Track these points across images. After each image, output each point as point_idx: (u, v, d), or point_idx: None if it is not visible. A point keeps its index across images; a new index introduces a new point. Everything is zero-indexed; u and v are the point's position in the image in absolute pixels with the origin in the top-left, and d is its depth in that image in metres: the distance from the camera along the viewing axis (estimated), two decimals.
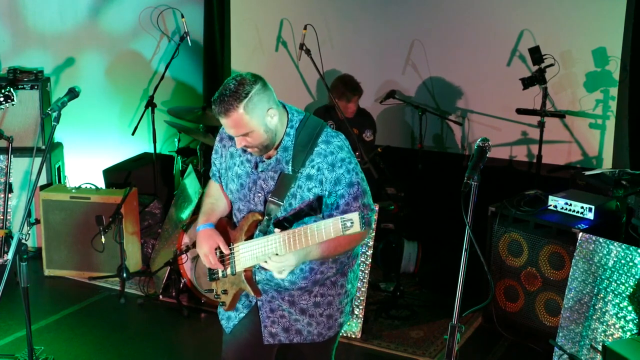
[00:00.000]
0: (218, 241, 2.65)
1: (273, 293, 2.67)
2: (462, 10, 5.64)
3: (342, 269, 2.69)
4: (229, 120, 2.42)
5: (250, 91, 2.40)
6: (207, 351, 4.28)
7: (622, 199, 4.28)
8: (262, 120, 2.44)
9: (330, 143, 2.53)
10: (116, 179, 5.78)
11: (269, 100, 2.46)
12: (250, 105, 2.40)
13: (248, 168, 2.61)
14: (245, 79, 2.42)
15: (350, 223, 2.24)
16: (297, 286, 2.63)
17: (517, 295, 4.24)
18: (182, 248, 4.65)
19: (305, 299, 2.67)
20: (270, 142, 2.50)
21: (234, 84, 2.42)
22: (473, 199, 2.42)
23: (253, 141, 2.47)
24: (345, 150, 2.56)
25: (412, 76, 5.86)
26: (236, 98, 2.38)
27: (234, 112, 2.39)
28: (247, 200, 2.63)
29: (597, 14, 5.19)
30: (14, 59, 5.77)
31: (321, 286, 2.66)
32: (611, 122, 5.22)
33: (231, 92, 2.39)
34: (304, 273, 2.61)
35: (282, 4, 6.31)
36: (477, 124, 5.70)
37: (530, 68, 5.16)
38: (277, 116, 2.49)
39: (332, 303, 2.69)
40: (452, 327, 2.42)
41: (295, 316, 2.68)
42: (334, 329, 2.73)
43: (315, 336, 2.70)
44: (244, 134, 2.45)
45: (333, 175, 2.49)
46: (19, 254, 2.93)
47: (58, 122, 3.15)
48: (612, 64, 5.15)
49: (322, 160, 2.49)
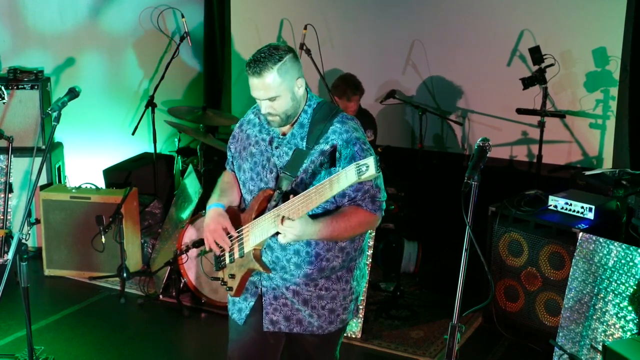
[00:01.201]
0: (225, 223, 2.65)
1: (278, 281, 2.67)
2: (462, 10, 5.64)
3: (348, 262, 2.70)
4: (262, 81, 2.48)
5: (284, 56, 2.50)
6: (207, 351, 4.29)
7: (622, 199, 4.28)
8: (291, 87, 2.52)
9: (345, 123, 2.58)
10: (116, 179, 5.78)
11: (299, 71, 2.55)
12: (284, 69, 2.49)
13: (263, 146, 2.66)
14: (280, 46, 2.54)
15: (366, 167, 2.19)
16: (302, 272, 2.63)
17: (517, 295, 4.24)
18: (182, 248, 4.66)
19: (309, 291, 2.67)
20: (293, 112, 2.56)
21: (268, 48, 2.53)
22: (473, 199, 2.42)
23: (278, 107, 2.52)
24: (360, 132, 2.61)
25: (412, 76, 5.86)
26: (271, 60, 2.48)
27: (267, 73, 2.47)
28: (259, 178, 2.66)
29: (597, 14, 5.20)
30: (14, 59, 5.77)
31: (326, 279, 2.67)
32: (611, 122, 5.22)
33: (266, 55, 2.50)
34: (310, 257, 2.62)
35: (282, 4, 6.31)
36: (477, 124, 5.70)
37: (530, 68, 5.16)
38: (303, 88, 2.57)
39: (335, 298, 2.70)
40: (452, 327, 2.42)
41: (298, 306, 2.68)
42: (335, 325, 2.73)
43: (316, 328, 2.71)
44: (271, 97, 2.50)
45: (348, 152, 2.52)
46: (19, 254, 2.93)
47: (58, 122, 3.15)
48: (612, 64, 5.15)
49: (337, 137, 2.54)
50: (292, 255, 2.62)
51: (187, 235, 4.71)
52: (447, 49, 5.73)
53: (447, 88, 5.78)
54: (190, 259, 4.72)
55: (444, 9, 5.71)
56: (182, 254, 4.64)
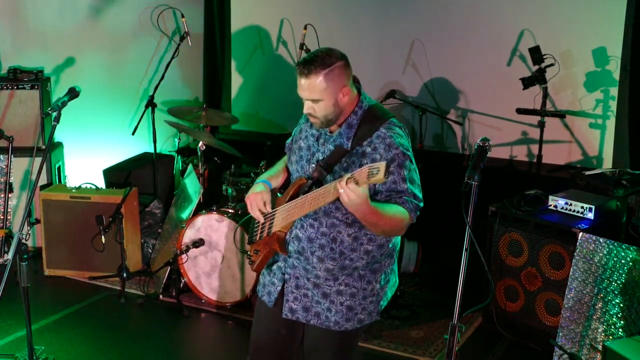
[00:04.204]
0: (265, 198, 2.78)
1: (301, 271, 2.76)
2: (462, 10, 5.64)
3: (372, 263, 2.74)
4: (307, 82, 2.57)
5: (335, 63, 2.57)
6: (207, 351, 4.29)
7: (622, 199, 4.28)
8: (335, 94, 2.59)
9: (392, 129, 2.65)
10: (116, 179, 5.78)
11: (347, 80, 2.62)
12: (331, 76, 2.56)
13: (311, 141, 2.77)
14: (335, 52, 2.61)
15: (377, 170, 2.28)
16: (324, 265, 2.70)
17: (517, 295, 4.24)
18: (182, 248, 4.66)
19: (329, 285, 2.73)
20: (333, 117, 2.64)
21: (323, 52, 2.60)
22: (473, 198, 2.42)
23: (319, 110, 2.61)
24: (405, 139, 2.67)
25: (412, 76, 5.86)
26: (321, 64, 2.56)
27: (314, 76, 2.56)
28: (303, 172, 2.77)
29: (597, 14, 5.19)
30: (14, 59, 5.77)
31: (348, 276, 2.72)
32: (611, 122, 5.22)
33: (319, 58, 2.57)
34: (334, 254, 2.69)
35: (282, 4, 6.31)
36: (477, 124, 5.70)
37: (530, 68, 5.16)
38: (349, 96, 2.63)
39: (355, 295, 2.75)
40: (452, 327, 2.42)
41: (317, 298, 2.75)
42: (352, 323, 2.77)
43: (332, 323, 2.75)
44: (314, 99, 2.59)
45: (388, 155, 2.58)
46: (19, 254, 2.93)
47: (58, 122, 3.16)
48: (612, 64, 5.15)
49: (381, 142, 2.60)
50: (317, 248, 2.70)
51: (187, 235, 4.71)
52: (447, 49, 5.73)
53: (447, 88, 5.78)
54: (190, 258, 4.73)
55: (444, 9, 5.71)
56: (182, 254, 4.64)
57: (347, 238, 2.68)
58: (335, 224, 2.67)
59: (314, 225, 2.70)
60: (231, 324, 4.58)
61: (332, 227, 2.68)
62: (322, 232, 2.69)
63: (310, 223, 2.70)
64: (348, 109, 2.66)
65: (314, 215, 2.69)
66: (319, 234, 2.69)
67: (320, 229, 2.69)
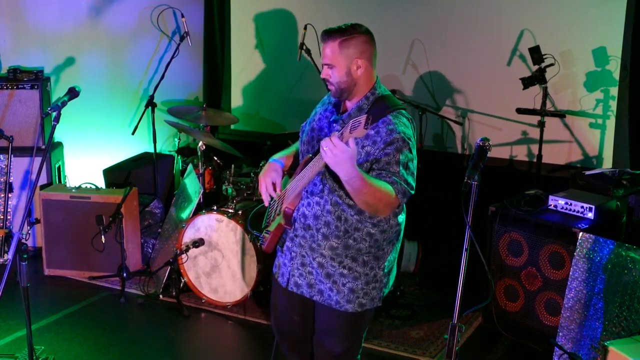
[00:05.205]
0: (276, 178, 2.88)
1: (307, 250, 2.85)
2: (462, 10, 5.64)
3: (375, 249, 2.81)
4: (325, 45, 2.74)
5: (353, 34, 2.71)
6: (207, 351, 4.29)
7: (622, 198, 4.28)
8: (348, 63, 2.70)
9: (398, 118, 2.71)
10: (116, 179, 5.78)
11: (363, 53, 2.73)
12: (346, 44, 2.70)
13: (324, 122, 2.87)
14: (359, 26, 2.75)
15: (358, 123, 2.34)
16: (328, 243, 2.79)
17: (517, 295, 4.24)
18: (182, 248, 4.66)
19: (333, 266, 2.82)
20: (346, 87, 2.74)
21: (348, 24, 2.75)
22: (473, 198, 2.42)
23: (333, 77, 2.74)
24: (410, 129, 2.73)
25: (412, 76, 5.86)
26: (340, 32, 2.71)
27: (331, 42, 2.71)
28: (313, 150, 2.85)
29: (597, 14, 5.19)
30: (14, 59, 5.77)
31: (351, 260, 2.80)
32: (611, 122, 5.22)
33: (342, 28, 2.72)
34: (339, 232, 2.77)
35: (282, 4, 6.31)
36: (477, 124, 5.70)
37: (530, 68, 5.16)
38: (363, 70, 2.73)
39: (357, 279, 2.82)
40: (452, 327, 2.42)
41: (321, 278, 2.85)
42: (353, 305, 2.84)
43: (334, 302, 2.85)
44: (328, 64, 2.74)
45: (388, 138, 2.64)
46: (19, 254, 2.93)
47: (58, 122, 3.16)
48: (612, 64, 5.15)
49: (384, 127, 2.66)
50: (322, 225, 2.79)
51: (187, 235, 4.71)
52: (447, 49, 5.72)
53: (447, 88, 5.78)
54: (190, 258, 4.73)
55: (444, 9, 5.71)
56: (182, 254, 4.64)
57: (351, 217, 2.75)
58: (339, 203, 2.75)
59: (320, 203, 2.78)
60: (231, 324, 4.58)
61: (336, 205, 2.75)
62: (327, 209, 2.77)
63: (317, 201, 2.79)
64: (362, 87, 2.76)
65: (319, 193, 2.78)
66: (324, 212, 2.77)
67: (325, 206, 2.77)
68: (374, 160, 2.65)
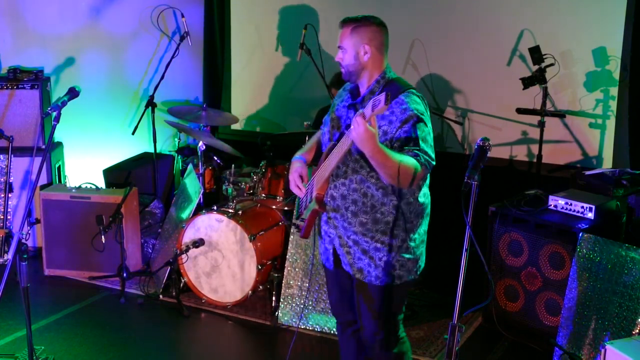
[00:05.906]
0: (302, 172, 3.10)
1: (341, 230, 3.01)
2: (462, 10, 5.64)
3: (403, 221, 2.94)
4: (340, 31, 2.97)
5: (365, 23, 2.96)
6: (207, 351, 4.28)
7: (622, 198, 4.28)
8: (356, 48, 2.92)
9: (409, 97, 2.87)
10: (116, 179, 5.78)
11: (372, 41, 2.93)
12: (357, 30, 2.93)
13: (342, 112, 3.03)
14: (373, 18, 3.00)
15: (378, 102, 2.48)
16: (358, 220, 2.94)
17: (517, 295, 4.24)
18: (182, 248, 4.66)
19: (366, 241, 2.96)
20: (354, 71, 2.94)
21: (366, 14, 3.00)
22: (473, 198, 2.42)
23: (343, 59, 2.95)
24: (422, 105, 2.88)
25: (412, 76, 5.85)
26: (354, 20, 2.97)
27: (345, 27, 2.96)
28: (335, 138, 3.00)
29: (597, 14, 5.19)
30: (14, 59, 5.78)
31: (382, 234, 2.94)
32: (611, 122, 5.22)
33: (358, 17, 2.98)
34: (366, 207, 2.92)
35: (282, 4, 6.31)
36: (477, 124, 5.70)
37: (530, 68, 5.16)
38: (370, 56, 2.92)
39: (391, 251, 2.95)
40: (452, 327, 2.42)
41: (359, 255, 2.98)
42: (391, 276, 2.97)
43: (374, 278, 2.98)
44: (340, 47, 2.96)
45: (403, 116, 2.80)
46: (19, 254, 2.93)
47: (58, 122, 3.16)
48: (612, 64, 5.14)
49: (398, 107, 2.83)
50: (350, 203, 2.95)
51: (187, 235, 4.71)
52: (447, 49, 5.72)
53: (447, 88, 5.78)
54: (190, 258, 4.73)
55: (444, 9, 5.70)
56: (182, 254, 4.64)
57: (375, 192, 2.90)
58: (363, 180, 2.90)
59: (345, 184, 2.95)
60: (231, 324, 4.58)
61: (361, 182, 2.91)
62: (353, 188, 2.93)
63: (342, 182, 2.95)
64: (371, 73, 2.93)
65: (343, 175, 2.94)
66: (350, 190, 2.94)
67: (351, 185, 2.93)
68: (392, 139, 2.80)
